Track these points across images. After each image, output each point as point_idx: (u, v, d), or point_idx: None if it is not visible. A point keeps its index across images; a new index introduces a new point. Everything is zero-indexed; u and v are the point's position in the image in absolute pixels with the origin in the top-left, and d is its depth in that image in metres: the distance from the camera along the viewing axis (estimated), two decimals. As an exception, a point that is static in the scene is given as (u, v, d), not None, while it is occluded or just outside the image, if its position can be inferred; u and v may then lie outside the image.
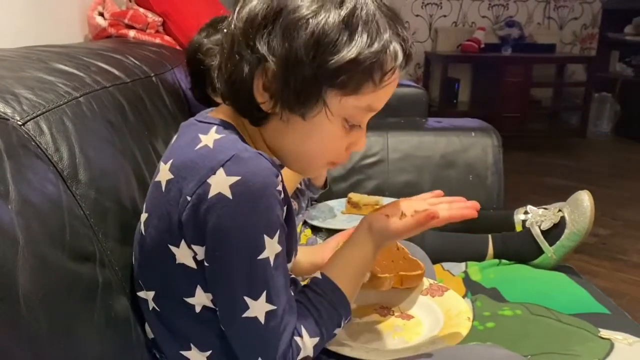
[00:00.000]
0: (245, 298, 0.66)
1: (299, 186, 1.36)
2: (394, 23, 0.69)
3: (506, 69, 4.03)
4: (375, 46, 0.66)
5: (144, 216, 0.73)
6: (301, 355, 0.70)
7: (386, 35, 0.67)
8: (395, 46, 0.68)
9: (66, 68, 0.87)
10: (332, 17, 0.65)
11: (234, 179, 0.63)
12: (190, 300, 0.70)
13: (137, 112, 0.95)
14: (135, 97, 0.99)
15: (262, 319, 0.66)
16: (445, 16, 4.42)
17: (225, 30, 0.71)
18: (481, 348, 0.86)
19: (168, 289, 0.72)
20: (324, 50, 0.65)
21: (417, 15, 4.35)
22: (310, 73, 0.66)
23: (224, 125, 0.71)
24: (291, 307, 0.70)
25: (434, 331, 0.91)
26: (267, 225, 0.66)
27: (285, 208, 0.71)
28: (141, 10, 1.72)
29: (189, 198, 0.65)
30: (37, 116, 0.69)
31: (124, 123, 0.89)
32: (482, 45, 4.19)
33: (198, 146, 0.68)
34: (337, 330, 0.77)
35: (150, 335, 0.76)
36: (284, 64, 0.66)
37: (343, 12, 0.65)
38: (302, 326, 0.71)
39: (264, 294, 0.66)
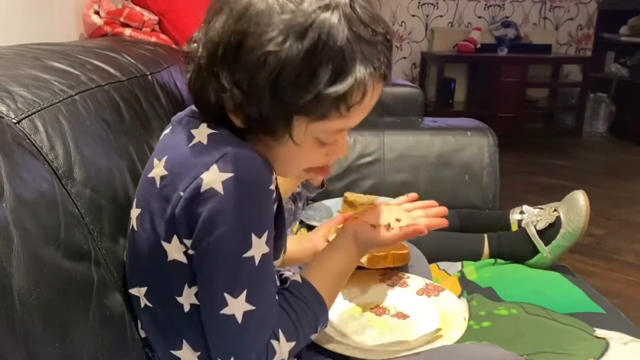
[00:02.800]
0: (225, 295, 0.65)
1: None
2: (368, 45, 0.64)
3: (502, 69, 4.04)
4: (338, 83, 0.63)
5: (135, 211, 0.72)
6: (276, 359, 0.69)
7: (354, 66, 0.63)
8: (365, 76, 0.64)
9: (61, 66, 0.86)
10: (293, 51, 0.61)
11: (227, 175, 0.63)
12: (179, 299, 0.70)
13: (132, 110, 0.95)
14: (131, 95, 0.98)
15: (239, 318, 0.65)
16: (441, 16, 4.42)
17: (189, 54, 0.69)
18: (477, 347, 0.87)
19: (159, 286, 0.71)
20: (283, 90, 0.63)
21: (413, 15, 4.36)
22: (272, 109, 0.64)
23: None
24: (272, 311, 0.69)
25: (429, 330, 0.92)
26: (256, 224, 0.65)
27: (275, 205, 0.70)
28: (137, 8, 1.72)
29: (182, 193, 0.65)
30: (32, 114, 0.69)
31: (120, 121, 0.88)
32: (478, 46, 4.20)
33: (192, 143, 0.68)
34: (313, 336, 0.76)
35: (143, 334, 0.75)
36: (247, 97, 0.64)
37: (305, 44, 0.61)
38: (279, 329, 0.69)
39: (244, 293, 0.65)
